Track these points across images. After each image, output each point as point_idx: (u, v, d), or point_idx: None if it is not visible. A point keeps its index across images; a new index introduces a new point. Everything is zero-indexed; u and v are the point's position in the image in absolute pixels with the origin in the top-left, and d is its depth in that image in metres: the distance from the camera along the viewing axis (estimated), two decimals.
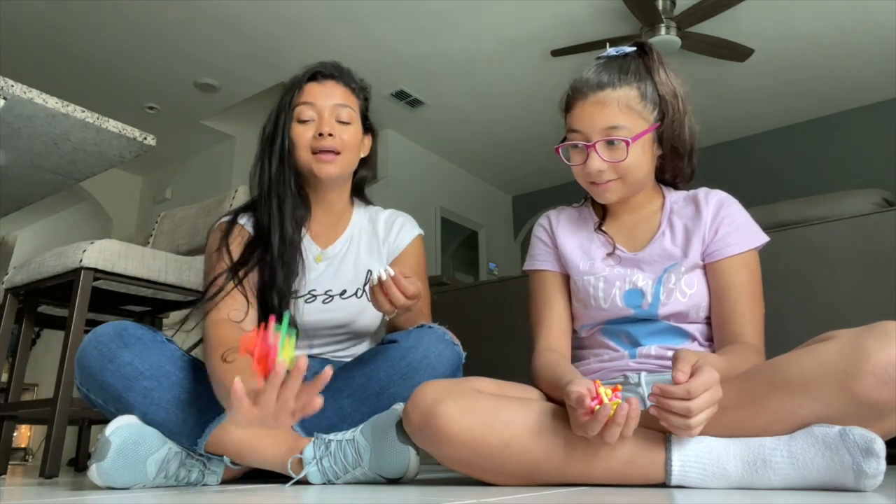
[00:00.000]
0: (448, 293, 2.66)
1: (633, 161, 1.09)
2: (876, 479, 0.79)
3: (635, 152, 1.09)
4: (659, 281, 1.12)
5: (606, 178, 1.10)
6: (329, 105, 1.29)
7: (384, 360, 1.16)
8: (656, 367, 1.10)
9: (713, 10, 3.66)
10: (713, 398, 0.82)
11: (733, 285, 1.09)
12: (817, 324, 1.07)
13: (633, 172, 1.10)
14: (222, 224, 1.32)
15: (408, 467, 1.06)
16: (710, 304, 1.11)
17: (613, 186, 1.12)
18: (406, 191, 5.07)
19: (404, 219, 1.43)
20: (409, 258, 1.38)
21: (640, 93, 1.09)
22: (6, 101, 1.49)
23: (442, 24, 4.01)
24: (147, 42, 4.03)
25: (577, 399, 0.84)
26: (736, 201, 1.16)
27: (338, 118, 1.30)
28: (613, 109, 1.08)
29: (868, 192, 1.86)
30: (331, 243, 1.36)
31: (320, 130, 1.27)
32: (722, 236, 1.11)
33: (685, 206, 1.18)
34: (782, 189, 5.08)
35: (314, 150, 1.27)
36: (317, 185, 1.33)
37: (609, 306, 1.14)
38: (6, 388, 2.01)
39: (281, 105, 1.31)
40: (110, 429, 1.07)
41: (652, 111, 1.10)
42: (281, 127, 1.28)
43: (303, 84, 1.31)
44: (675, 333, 1.12)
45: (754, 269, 1.11)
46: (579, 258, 1.20)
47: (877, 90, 4.89)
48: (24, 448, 5.12)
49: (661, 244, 1.15)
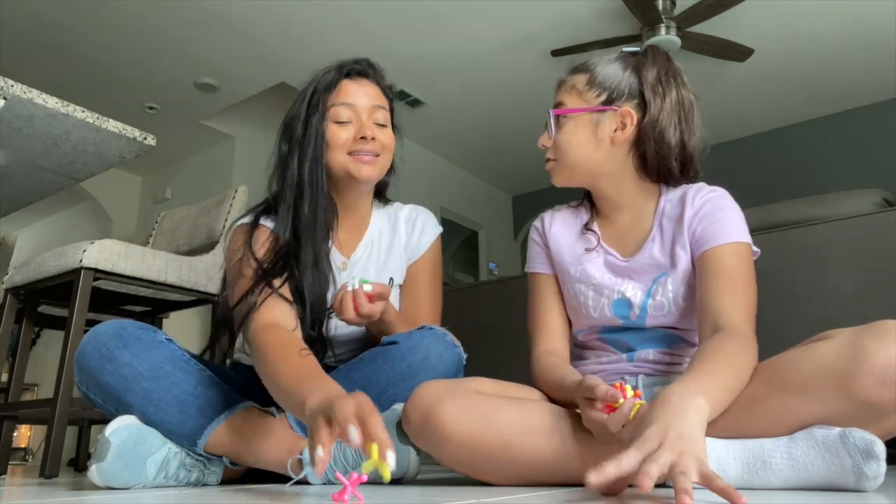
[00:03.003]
0: (448, 293, 2.65)
1: (563, 139, 1.14)
2: (876, 481, 0.78)
3: (567, 131, 1.14)
4: (648, 293, 1.10)
5: (549, 157, 1.18)
6: (367, 106, 1.24)
7: (384, 362, 1.15)
8: (654, 370, 1.10)
9: (713, 10, 3.66)
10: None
11: (718, 272, 1.02)
12: (817, 324, 1.06)
13: (563, 151, 1.15)
14: (244, 226, 1.26)
15: (408, 467, 1.05)
16: (697, 296, 1.06)
17: (551, 166, 1.19)
18: (406, 191, 5.04)
19: (425, 217, 1.39)
20: (428, 262, 1.37)
21: (590, 78, 1.14)
22: (6, 101, 1.49)
23: (442, 24, 4.01)
24: (147, 42, 4.03)
25: (606, 391, 0.82)
26: (727, 198, 1.11)
27: (375, 121, 1.25)
28: (561, 90, 1.17)
29: (868, 192, 1.86)
30: (353, 250, 1.32)
31: (362, 134, 1.21)
32: (705, 228, 1.07)
33: (676, 206, 1.13)
34: (782, 189, 5.08)
35: (350, 152, 1.22)
36: (348, 188, 1.27)
37: (598, 315, 1.13)
38: (6, 388, 2.01)
39: (313, 103, 1.23)
40: (110, 429, 1.07)
41: (597, 96, 1.13)
42: (313, 128, 1.21)
43: (337, 82, 1.25)
44: (670, 338, 1.11)
45: (742, 258, 1.04)
46: (570, 263, 1.19)
47: (877, 90, 4.89)
48: (24, 448, 5.12)
49: (650, 251, 1.12)
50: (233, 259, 1.23)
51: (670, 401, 0.74)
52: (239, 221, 1.29)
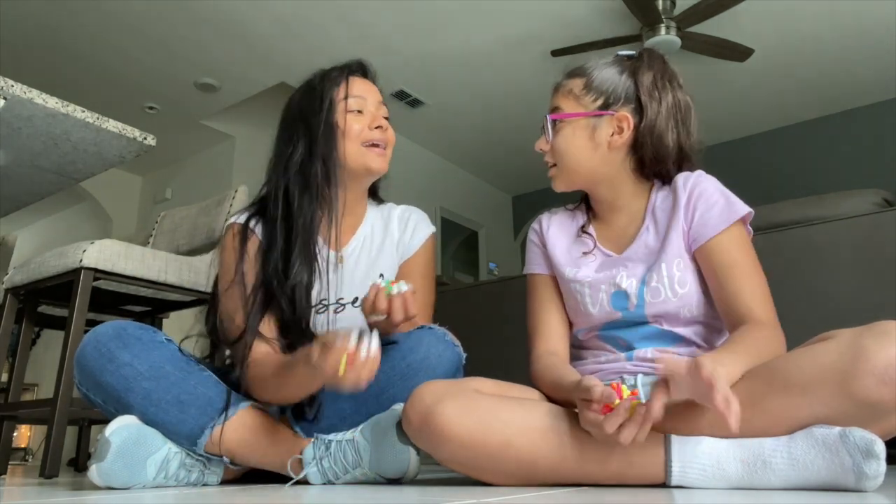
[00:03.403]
0: (448, 293, 2.66)
1: (560, 144, 1.15)
2: (876, 481, 0.79)
3: (564, 136, 1.15)
4: (643, 281, 1.10)
5: (548, 161, 1.18)
6: (375, 101, 1.30)
7: (384, 362, 1.14)
8: (652, 369, 1.10)
9: (713, 10, 3.66)
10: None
11: (726, 264, 1.05)
12: (817, 324, 1.06)
13: (562, 156, 1.16)
14: (235, 226, 1.27)
15: (408, 467, 1.06)
16: (710, 291, 1.08)
17: (553, 172, 1.19)
18: (406, 191, 5.07)
19: (418, 216, 1.40)
20: (421, 260, 1.36)
21: (586, 83, 1.14)
22: (6, 101, 1.49)
23: (442, 24, 4.01)
24: (147, 42, 4.03)
25: (602, 393, 0.82)
26: (712, 179, 1.12)
27: (382, 115, 1.30)
28: (558, 94, 1.18)
29: (868, 192, 1.86)
30: (345, 244, 1.32)
31: (377, 123, 1.26)
32: (700, 217, 1.08)
33: (666, 198, 1.15)
34: (782, 189, 5.08)
35: (364, 143, 1.25)
36: (355, 181, 1.29)
37: (598, 311, 1.13)
38: (6, 388, 2.01)
39: (321, 97, 1.25)
40: (110, 429, 1.07)
41: (593, 101, 1.14)
42: (325, 119, 1.23)
43: (346, 78, 1.29)
44: (668, 338, 1.11)
45: (743, 243, 1.06)
46: (566, 263, 1.20)
47: (877, 90, 4.89)
48: (24, 448, 5.12)
49: (644, 241, 1.14)
50: (223, 262, 1.25)
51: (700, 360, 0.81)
52: (231, 220, 1.30)
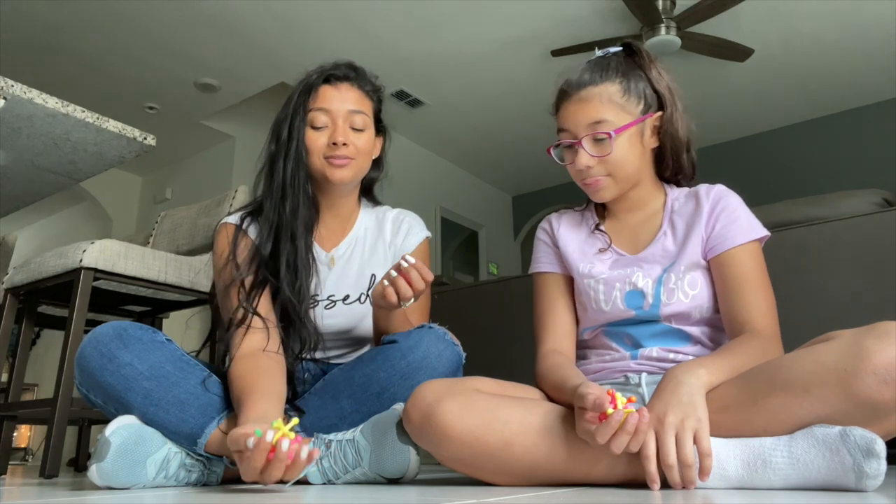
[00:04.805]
0: (448, 293, 2.66)
1: (619, 155, 1.10)
2: (877, 480, 0.79)
3: (622, 146, 1.10)
4: (659, 281, 1.11)
5: (596, 175, 1.12)
6: (343, 111, 1.27)
7: (384, 361, 1.15)
8: (657, 368, 1.10)
9: (713, 10, 3.66)
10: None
11: (737, 276, 1.07)
12: (817, 324, 1.06)
13: (621, 167, 1.11)
14: (228, 226, 1.30)
15: (408, 467, 1.05)
16: (717, 299, 1.10)
17: (605, 183, 1.13)
18: (406, 191, 5.07)
19: (412, 220, 1.41)
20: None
21: (623, 88, 1.11)
22: (6, 101, 1.49)
23: (442, 23, 4.01)
24: (147, 42, 4.03)
25: (594, 401, 0.82)
26: (735, 195, 1.15)
27: (352, 125, 1.27)
28: (596, 105, 1.10)
29: (868, 192, 1.86)
30: (335, 245, 1.35)
31: (334, 140, 1.25)
32: (721, 229, 1.10)
33: (686, 203, 1.17)
34: (782, 189, 5.09)
35: (326, 157, 1.26)
36: (328, 188, 1.31)
37: (610, 308, 1.14)
38: (6, 388, 2.01)
39: (295, 107, 1.27)
40: (110, 429, 1.07)
41: (637, 105, 1.11)
42: (295, 131, 1.26)
43: (317, 87, 1.28)
44: (677, 336, 1.12)
45: (757, 259, 1.10)
46: (579, 260, 1.20)
47: (877, 90, 4.89)
48: (24, 448, 5.13)
49: (662, 244, 1.15)
50: (218, 265, 1.27)
51: (674, 374, 0.90)
52: (224, 220, 1.32)
